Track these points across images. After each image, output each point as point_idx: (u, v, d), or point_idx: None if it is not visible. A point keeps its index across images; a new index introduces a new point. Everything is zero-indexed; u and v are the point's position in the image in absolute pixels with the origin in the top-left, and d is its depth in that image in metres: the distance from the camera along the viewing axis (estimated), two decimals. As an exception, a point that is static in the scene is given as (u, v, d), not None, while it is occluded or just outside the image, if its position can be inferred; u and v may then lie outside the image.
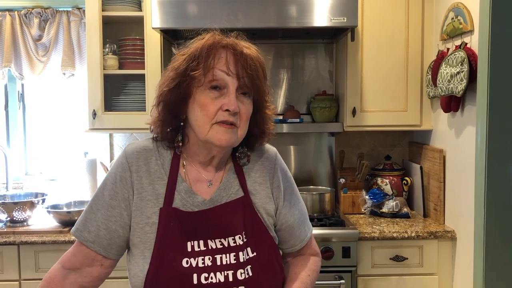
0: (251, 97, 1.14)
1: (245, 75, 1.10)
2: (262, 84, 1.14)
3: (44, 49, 2.84)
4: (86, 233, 1.16)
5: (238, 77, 1.09)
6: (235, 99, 1.09)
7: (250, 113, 1.14)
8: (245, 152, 1.21)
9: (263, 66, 1.15)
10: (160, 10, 2.26)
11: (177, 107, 1.14)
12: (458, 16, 2.19)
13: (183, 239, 1.11)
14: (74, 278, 1.17)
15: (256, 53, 1.14)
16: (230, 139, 1.10)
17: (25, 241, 2.23)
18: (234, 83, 1.10)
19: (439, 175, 2.43)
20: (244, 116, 1.12)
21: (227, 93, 1.09)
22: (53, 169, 3.01)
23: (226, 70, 1.09)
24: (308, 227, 1.31)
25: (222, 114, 1.09)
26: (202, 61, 1.09)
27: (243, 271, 1.11)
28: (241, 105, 1.11)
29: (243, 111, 1.11)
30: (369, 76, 2.55)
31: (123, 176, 1.15)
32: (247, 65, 1.10)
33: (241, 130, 1.12)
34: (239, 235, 1.14)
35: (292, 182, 1.31)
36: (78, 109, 2.93)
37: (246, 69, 1.10)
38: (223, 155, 1.19)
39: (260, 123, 1.19)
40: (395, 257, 2.30)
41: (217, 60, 1.10)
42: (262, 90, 1.15)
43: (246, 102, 1.12)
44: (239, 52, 1.10)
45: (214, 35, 1.13)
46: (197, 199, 1.15)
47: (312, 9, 2.27)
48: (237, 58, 1.10)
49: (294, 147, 2.93)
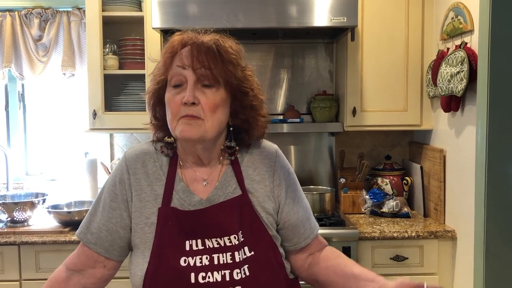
0: (216, 87, 1.10)
1: (201, 66, 1.08)
2: (229, 71, 1.11)
3: (45, 49, 2.84)
4: (88, 235, 1.18)
5: (194, 69, 1.09)
6: (192, 91, 1.08)
7: (216, 103, 1.10)
8: (233, 146, 1.19)
9: (227, 53, 1.12)
10: (160, 10, 2.26)
11: (160, 111, 1.17)
12: (458, 15, 2.19)
13: (182, 238, 1.12)
14: (77, 280, 1.18)
15: (222, 42, 1.12)
16: (191, 131, 1.09)
17: (26, 241, 2.24)
18: (191, 75, 1.09)
19: (439, 175, 2.43)
20: (206, 107, 1.09)
21: (186, 87, 1.09)
22: (54, 169, 3.01)
23: (181, 64, 1.10)
24: (314, 224, 1.29)
25: (183, 108, 1.09)
26: (166, 64, 1.12)
27: (239, 271, 1.10)
28: (202, 96, 1.09)
29: (203, 102, 1.09)
30: (369, 76, 2.55)
31: (122, 178, 1.17)
32: (202, 55, 1.08)
33: (208, 122, 1.10)
34: (234, 235, 1.13)
35: (295, 179, 1.28)
36: (79, 109, 2.93)
37: (203, 60, 1.08)
38: (207, 153, 1.17)
39: (238, 111, 1.16)
40: (395, 257, 2.31)
41: (177, 58, 1.11)
42: (231, 78, 1.11)
43: (209, 93, 1.10)
44: (195, 45, 1.10)
45: (181, 35, 1.14)
46: (194, 198, 1.15)
47: (312, 9, 2.27)
48: (193, 51, 1.09)
49: (294, 147, 2.93)
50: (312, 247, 1.28)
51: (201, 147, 1.15)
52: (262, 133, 1.23)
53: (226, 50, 1.12)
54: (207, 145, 1.16)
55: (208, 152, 1.17)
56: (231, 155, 1.20)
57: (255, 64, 2.86)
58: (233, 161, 1.20)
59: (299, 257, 1.28)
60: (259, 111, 1.19)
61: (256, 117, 1.19)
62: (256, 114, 1.19)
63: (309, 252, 1.29)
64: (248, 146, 1.23)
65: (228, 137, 1.18)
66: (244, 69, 1.16)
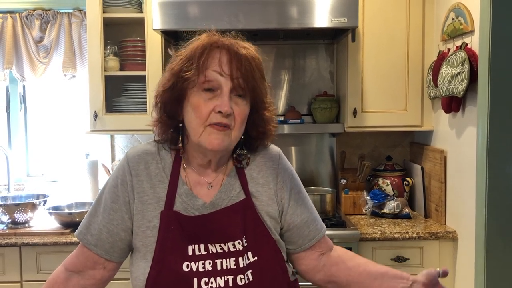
0: (247, 99, 1.11)
1: (240, 76, 1.07)
2: (259, 85, 1.12)
3: (45, 50, 2.84)
4: (89, 236, 1.16)
5: (232, 78, 1.07)
6: (228, 100, 1.07)
7: (245, 115, 1.12)
8: (244, 154, 1.19)
9: (260, 66, 1.13)
10: (161, 12, 2.27)
11: (173, 108, 1.13)
12: (458, 16, 2.19)
13: (184, 242, 1.11)
14: (76, 281, 1.17)
15: (253, 53, 1.12)
16: (222, 143, 1.08)
17: (27, 243, 2.24)
18: (227, 84, 1.07)
19: (440, 176, 2.43)
20: (239, 118, 1.09)
21: (221, 95, 1.07)
22: (55, 170, 3.02)
23: (219, 70, 1.07)
24: (320, 226, 1.27)
25: (214, 116, 1.07)
26: (195, 62, 1.07)
27: (243, 277, 1.10)
28: (235, 107, 1.08)
29: (237, 113, 1.09)
30: (370, 76, 2.55)
31: (124, 180, 1.15)
32: (242, 66, 1.07)
33: (235, 132, 1.10)
34: (238, 241, 1.12)
35: (298, 181, 1.28)
36: (79, 111, 2.93)
37: (241, 70, 1.07)
38: (220, 159, 1.17)
39: (258, 124, 1.17)
40: (396, 258, 2.30)
41: (211, 61, 1.08)
42: (258, 91, 1.12)
43: (241, 104, 1.10)
44: (233, 53, 1.08)
45: (210, 36, 1.11)
46: (197, 202, 1.14)
47: (313, 10, 2.27)
48: (231, 59, 1.08)
49: (295, 148, 2.93)
50: (323, 246, 1.27)
51: (219, 155, 1.15)
52: (271, 141, 1.24)
53: (260, 64, 1.12)
54: (224, 153, 1.16)
55: (222, 159, 1.18)
56: (241, 162, 1.19)
57: (256, 65, 2.86)
58: (236, 165, 1.20)
59: (310, 257, 1.26)
60: (274, 122, 1.21)
61: (272, 128, 1.20)
62: (271, 126, 1.20)
63: (319, 252, 1.26)
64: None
65: (239, 145, 1.18)
66: (267, 83, 1.17)
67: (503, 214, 1.94)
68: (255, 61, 1.11)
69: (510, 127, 1.92)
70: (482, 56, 1.94)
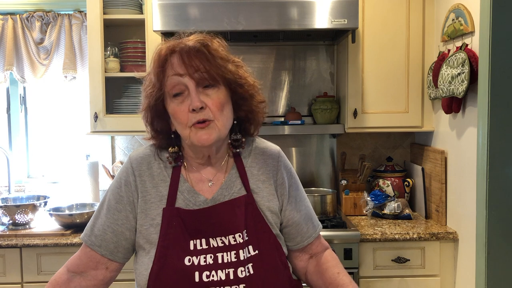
0: (217, 86, 1.11)
1: (195, 69, 1.09)
2: (220, 67, 1.11)
3: (46, 52, 2.85)
4: (93, 237, 1.18)
5: (190, 74, 1.09)
6: (197, 96, 1.08)
7: (221, 102, 1.12)
8: (239, 139, 1.20)
9: (214, 49, 1.11)
10: (161, 13, 2.27)
11: (160, 124, 1.17)
12: (458, 17, 2.19)
13: (186, 237, 1.13)
14: (78, 282, 1.18)
15: (202, 40, 1.11)
16: (210, 137, 1.10)
17: (27, 244, 2.24)
18: (189, 81, 1.09)
19: (440, 177, 2.43)
20: (214, 107, 1.10)
21: (189, 94, 1.09)
22: (55, 171, 3.02)
23: (176, 73, 1.09)
24: (316, 223, 1.31)
25: (191, 115, 1.09)
26: (156, 78, 1.11)
27: (243, 269, 1.12)
28: (207, 99, 1.10)
29: (210, 103, 1.10)
30: (370, 77, 2.55)
31: (128, 180, 1.18)
32: (194, 59, 1.08)
33: (219, 122, 1.11)
34: (239, 233, 1.14)
35: (297, 179, 1.30)
36: (80, 112, 2.94)
37: (194, 63, 1.08)
38: (217, 151, 1.19)
39: (240, 103, 1.18)
40: (397, 259, 2.30)
41: (168, 69, 1.11)
42: (224, 73, 1.12)
43: (212, 93, 1.11)
44: (181, 51, 1.10)
45: (161, 50, 1.13)
46: (199, 198, 1.16)
47: (313, 11, 2.27)
48: (182, 57, 1.09)
49: (295, 149, 2.93)
50: (313, 248, 1.30)
51: (214, 147, 1.17)
52: (263, 118, 1.24)
53: (214, 48, 1.12)
54: (219, 143, 1.17)
55: (218, 150, 1.19)
56: (237, 148, 1.21)
57: (256, 66, 2.87)
58: (237, 162, 1.22)
59: (300, 257, 1.30)
60: (257, 98, 1.21)
61: (257, 104, 1.21)
62: (256, 101, 1.20)
63: (310, 254, 1.30)
64: (251, 142, 1.26)
65: (233, 131, 1.19)
66: (234, 61, 1.17)
67: (504, 215, 1.94)
68: (206, 48, 1.11)
69: (510, 127, 1.92)
70: (482, 56, 1.94)
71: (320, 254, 1.30)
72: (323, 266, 1.27)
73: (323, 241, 1.33)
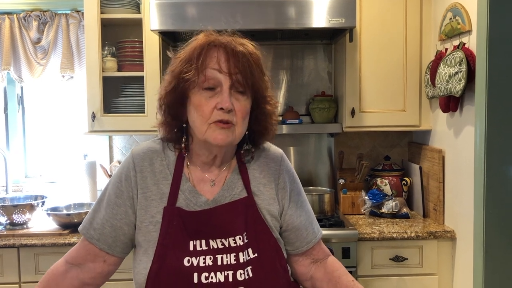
0: (247, 94, 1.13)
1: (238, 72, 1.09)
2: (258, 80, 1.13)
3: (43, 52, 2.84)
4: (91, 230, 1.18)
5: (230, 75, 1.09)
6: (229, 97, 1.08)
7: (247, 111, 1.13)
8: (249, 149, 1.21)
9: (258, 62, 1.14)
10: (159, 12, 2.27)
11: (176, 109, 1.15)
12: (456, 16, 2.19)
13: (186, 238, 1.12)
14: (75, 273, 1.19)
15: (251, 49, 1.13)
16: (226, 138, 1.10)
17: (25, 244, 2.23)
18: (227, 81, 1.09)
19: (438, 175, 2.43)
20: (240, 114, 1.11)
21: (221, 92, 1.09)
22: (53, 171, 3.01)
23: (218, 68, 1.09)
24: (317, 229, 1.30)
25: (217, 113, 1.08)
26: (194, 63, 1.09)
27: (242, 272, 1.11)
28: (236, 103, 1.10)
29: (238, 109, 1.10)
30: (368, 76, 2.55)
31: (128, 175, 1.17)
32: (239, 63, 1.09)
33: (239, 128, 1.12)
34: (239, 236, 1.14)
35: (299, 184, 1.30)
36: (78, 112, 2.93)
37: (238, 66, 1.09)
38: (225, 154, 1.19)
39: (260, 119, 1.18)
40: (395, 258, 2.31)
41: (209, 60, 1.09)
42: (258, 86, 1.14)
43: (242, 99, 1.11)
44: (230, 50, 1.10)
45: (207, 35, 1.13)
46: (200, 199, 1.16)
47: (311, 10, 2.27)
48: (229, 56, 1.09)
49: (293, 148, 2.93)
50: (314, 253, 1.29)
51: (224, 149, 1.17)
52: (274, 135, 1.25)
53: (258, 59, 1.14)
54: (229, 148, 1.18)
55: (227, 155, 1.19)
56: (246, 156, 1.22)
57: (254, 65, 2.86)
58: (240, 164, 1.22)
59: (301, 262, 1.29)
60: (275, 116, 1.22)
61: (273, 122, 1.22)
62: (273, 120, 1.22)
63: (311, 259, 1.29)
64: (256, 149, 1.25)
65: (245, 141, 1.19)
66: (267, 77, 1.18)
67: (501, 213, 1.94)
68: (252, 57, 1.12)
69: (507, 126, 1.92)
70: (480, 55, 1.94)
71: (323, 260, 1.30)
72: (334, 274, 1.26)
73: (324, 247, 1.32)
